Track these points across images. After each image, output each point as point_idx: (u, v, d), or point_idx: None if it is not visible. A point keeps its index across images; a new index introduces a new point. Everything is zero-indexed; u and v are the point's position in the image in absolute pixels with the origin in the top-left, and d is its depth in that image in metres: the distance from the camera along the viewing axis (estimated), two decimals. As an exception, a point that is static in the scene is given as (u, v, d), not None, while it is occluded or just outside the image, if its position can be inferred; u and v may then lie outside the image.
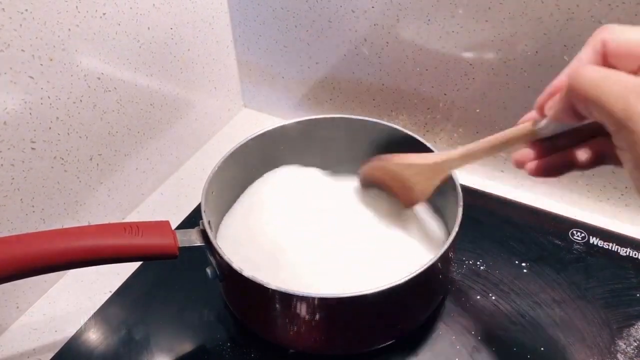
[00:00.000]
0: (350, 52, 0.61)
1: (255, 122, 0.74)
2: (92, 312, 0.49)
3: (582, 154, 0.30)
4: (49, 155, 0.47)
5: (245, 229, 0.48)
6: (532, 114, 0.31)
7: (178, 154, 0.66)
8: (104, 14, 0.48)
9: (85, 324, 0.48)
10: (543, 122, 0.30)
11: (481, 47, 0.53)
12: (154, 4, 0.53)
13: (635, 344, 0.44)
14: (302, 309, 0.38)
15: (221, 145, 0.70)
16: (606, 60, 0.27)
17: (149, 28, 0.54)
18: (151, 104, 0.58)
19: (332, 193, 0.51)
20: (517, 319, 0.46)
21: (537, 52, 0.50)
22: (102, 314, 0.49)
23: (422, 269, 0.37)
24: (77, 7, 0.45)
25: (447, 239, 0.40)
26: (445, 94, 0.59)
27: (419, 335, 0.45)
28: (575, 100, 0.25)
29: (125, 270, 0.52)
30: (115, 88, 0.52)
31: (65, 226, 0.51)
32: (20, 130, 0.44)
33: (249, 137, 0.49)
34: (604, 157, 0.29)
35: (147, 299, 0.50)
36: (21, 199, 0.46)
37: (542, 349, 0.44)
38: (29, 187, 0.46)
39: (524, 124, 0.31)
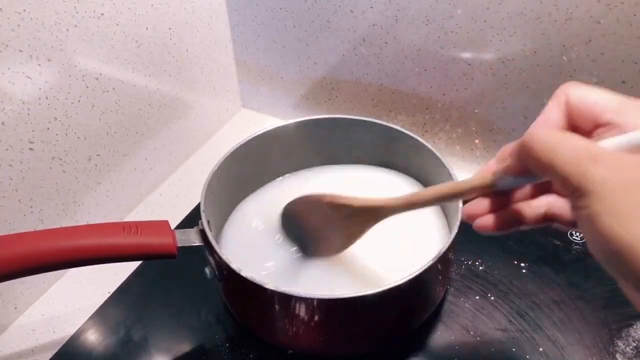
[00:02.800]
0: (349, 52, 0.61)
1: (253, 122, 0.74)
2: (90, 312, 0.49)
3: (533, 211, 0.30)
4: (47, 155, 0.47)
5: (247, 230, 0.48)
6: (492, 163, 0.30)
7: (177, 155, 0.66)
8: (102, 14, 0.48)
9: (84, 324, 0.48)
10: (502, 175, 0.28)
11: (480, 48, 0.53)
12: (152, 5, 0.53)
13: (634, 344, 0.44)
14: (301, 310, 0.38)
15: (220, 146, 0.70)
16: (570, 116, 0.28)
17: (147, 28, 0.54)
18: (149, 104, 0.58)
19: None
20: (516, 319, 0.46)
21: (535, 52, 0.50)
22: (101, 314, 0.49)
23: (421, 270, 0.37)
24: (75, 7, 0.45)
25: (447, 238, 0.40)
26: (444, 94, 0.59)
27: (418, 336, 0.45)
28: (528, 162, 0.25)
29: (124, 270, 0.52)
30: (113, 88, 0.52)
31: (64, 226, 0.51)
32: (18, 130, 0.44)
33: (249, 137, 0.49)
34: (554, 216, 0.29)
35: (146, 299, 0.50)
36: (19, 200, 0.46)
37: (541, 349, 0.44)
38: (27, 188, 0.46)
39: (482, 175, 0.29)
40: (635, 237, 0.20)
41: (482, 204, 0.31)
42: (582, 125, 0.27)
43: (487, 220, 0.30)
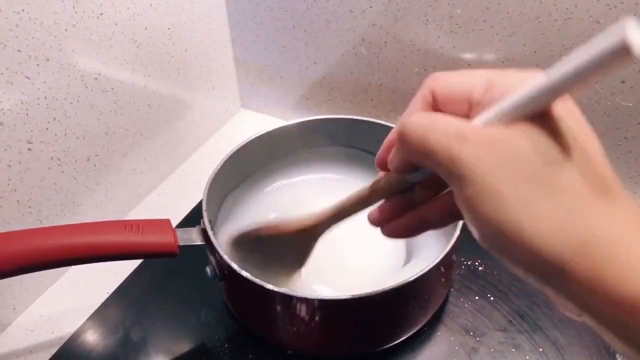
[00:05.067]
0: (349, 52, 0.61)
1: (253, 122, 0.74)
2: (89, 313, 0.49)
3: (434, 210, 0.27)
4: (46, 155, 0.47)
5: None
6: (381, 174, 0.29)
7: (176, 155, 0.66)
8: (101, 14, 0.48)
9: (83, 325, 0.48)
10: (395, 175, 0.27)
11: (479, 47, 0.53)
12: (151, 4, 0.53)
13: (634, 344, 0.44)
14: (302, 310, 0.38)
15: (219, 146, 0.70)
16: (436, 109, 0.25)
17: (146, 28, 0.54)
18: (148, 105, 0.58)
19: (332, 195, 0.50)
20: (516, 319, 0.46)
21: (535, 52, 0.50)
22: (100, 314, 0.49)
23: (423, 272, 0.37)
24: (74, 7, 0.45)
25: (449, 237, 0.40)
26: (443, 94, 0.59)
27: (418, 336, 0.45)
28: (407, 152, 0.23)
29: (123, 270, 0.52)
30: (112, 88, 0.52)
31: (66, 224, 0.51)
32: (16, 130, 0.44)
33: (251, 138, 0.49)
34: (453, 212, 0.26)
35: (145, 299, 0.50)
36: (18, 200, 0.46)
37: (540, 349, 0.44)
38: (26, 188, 0.46)
39: (390, 176, 0.28)
40: (515, 219, 0.19)
41: (386, 208, 0.29)
42: (456, 112, 0.24)
43: (394, 227, 0.28)
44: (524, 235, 0.19)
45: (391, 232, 0.29)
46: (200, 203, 0.45)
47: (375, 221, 0.29)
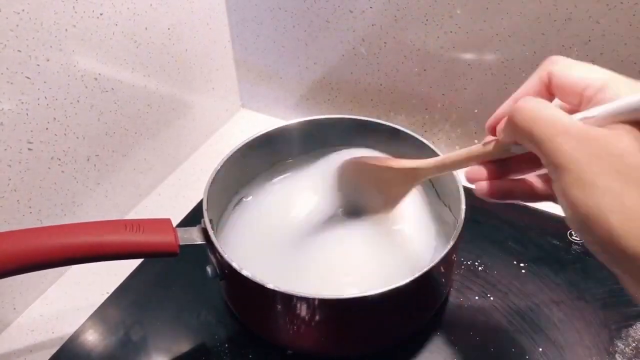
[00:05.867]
0: (349, 52, 0.61)
1: (253, 122, 0.74)
2: (89, 313, 0.49)
3: (529, 184, 0.30)
4: (46, 155, 0.47)
5: (248, 229, 0.48)
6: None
7: (176, 155, 0.66)
8: (101, 14, 0.48)
9: (83, 325, 0.48)
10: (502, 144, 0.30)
11: (479, 48, 0.53)
12: (151, 4, 0.53)
13: (634, 344, 0.44)
14: (302, 310, 0.38)
15: (219, 146, 0.70)
16: (550, 91, 0.27)
17: (146, 28, 0.54)
18: (149, 105, 0.58)
19: (333, 195, 0.50)
20: (515, 319, 0.46)
21: (535, 52, 0.50)
22: (100, 314, 0.49)
23: (423, 272, 0.37)
24: (74, 7, 0.45)
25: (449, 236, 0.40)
26: (443, 94, 0.59)
27: (418, 336, 0.45)
28: (514, 133, 0.26)
29: (123, 270, 0.52)
30: (112, 88, 0.52)
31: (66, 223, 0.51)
32: (17, 130, 0.44)
33: (251, 138, 0.49)
34: (548, 193, 0.29)
35: (145, 299, 0.50)
36: (18, 200, 0.46)
37: (540, 349, 0.44)
38: (26, 188, 0.46)
39: (495, 143, 0.30)
40: (596, 204, 0.21)
41: (487, 168, 0.31)
42: (567, 101, 0.27)
43: (483, 186, 0.30)
44: (611, 225, 0.21)
45: (484, 190, 0.30)
46: (200, 203, 0.45)
47: (470, 179, 0.31)
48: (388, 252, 0.45)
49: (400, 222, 0.48)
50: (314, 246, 0.45)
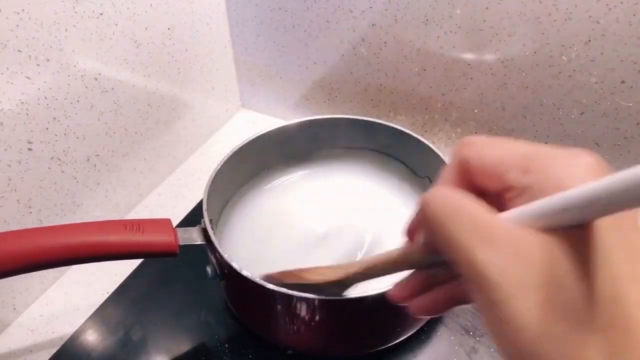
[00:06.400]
0: (349, 52, 0.61)
1: (253, 122, 0.74)
2: (89, 313, 0.49)
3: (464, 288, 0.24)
4: (46, 155, 0.47)
5: (248, 229, 0.48)
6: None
7: (176, 155, 0.66)
8: (101, 14, 0.48)
9: (83, 325, 0.48)
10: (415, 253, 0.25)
11: (479, 48, 0.53)
12: (151, 4, 0.53)
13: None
14: (302, 310, 0.38)
15: (219, 146, 0.70)
16: (470, 180, 0.22)
17: (146, 28, 0.54)
18: (149, 105, 0.58)
19: (333, 195, 0.51)
20: (515, 319, 0.46)
21: (535, 52, 0.50)
22: (100, 315, 0.49)
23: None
24: (74, 7, 0.45)
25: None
26: (443, 94, 0.59)
27: (418, 336, 0.45)
28: (427, 235, 0.21)
29: (123, 270, 0.52)
30: (112, 88, 0.52)
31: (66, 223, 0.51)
32: (16, 130, 0.44)
33: (251, 137, 0.49)
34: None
35: (145, 299, 0.50)
36: (18, 200, 0.46)
37: (541, 349, 0.44)
38: (26, 188, 0.46)
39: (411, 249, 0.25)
40: (535, 351, 0.17)
41: (412, 283, 0.26)
42: (490, 190, 0.21)
43: (422, 303, 0.26)
44: None
45: (419, 308, 0.26)
46: (200, 203, 0.45)
47: (398, 299, 0.26)
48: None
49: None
50: (314, 246, 0.45)
